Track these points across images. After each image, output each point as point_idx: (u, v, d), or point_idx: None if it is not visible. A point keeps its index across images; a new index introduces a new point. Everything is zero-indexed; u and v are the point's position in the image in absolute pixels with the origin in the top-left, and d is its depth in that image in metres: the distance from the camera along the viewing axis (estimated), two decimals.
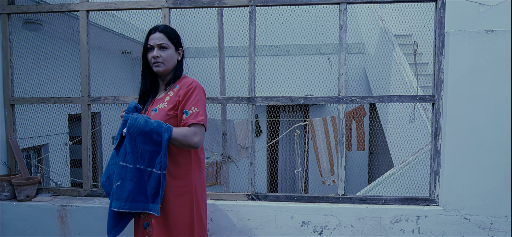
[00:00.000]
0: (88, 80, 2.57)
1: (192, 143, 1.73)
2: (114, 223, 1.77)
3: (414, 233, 2.33)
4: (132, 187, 1.72)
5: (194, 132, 1.74)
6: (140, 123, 1.71)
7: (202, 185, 1.91)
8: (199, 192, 1.87)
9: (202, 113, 1.78)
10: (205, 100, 1.88)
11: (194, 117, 1.75)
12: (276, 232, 2.41)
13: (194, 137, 1.73)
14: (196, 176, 1.86)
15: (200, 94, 1.83)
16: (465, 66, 2.21)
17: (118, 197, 1.72)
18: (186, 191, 1.81)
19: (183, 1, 2.47)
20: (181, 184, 1.80)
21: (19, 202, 2.53)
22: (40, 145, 4.80)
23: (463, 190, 2.27)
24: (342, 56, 2.42)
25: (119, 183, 1.73)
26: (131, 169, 1.72)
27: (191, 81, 1.85)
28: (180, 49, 1.92)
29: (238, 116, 7.31)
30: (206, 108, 1.86)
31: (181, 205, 1.80)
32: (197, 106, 1.78)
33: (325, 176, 6.31)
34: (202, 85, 1.88)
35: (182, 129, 1.75)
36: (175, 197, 1.78)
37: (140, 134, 1.70)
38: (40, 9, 2.59)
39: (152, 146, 1.71)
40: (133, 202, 1.72)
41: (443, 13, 2.31)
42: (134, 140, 1.72)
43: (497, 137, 2.21)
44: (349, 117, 6.31)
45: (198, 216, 1.86)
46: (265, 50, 7.52)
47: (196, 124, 1.75)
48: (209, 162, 5.73)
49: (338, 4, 2.39)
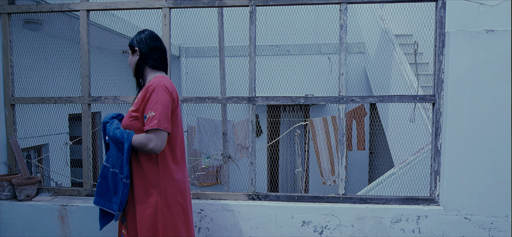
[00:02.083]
0: (88, 80, 2.57)
1: (147, 149, 1.75)
2: (101, 215, 1.95)
3: (414, 233, 2.33)
4: (107, 187, 1.88)
5: (148, 138, 1.75)
6: (110, 131, 1.86)
7: (177, 189, 1.88)
8: (171, 195, 1.85)
9: (156, 116, 1.74)
10: (168, 100, 1.80)
11: (149, 122, 1.75)
12: (277, 232, 2.41)
13: (149, 144, 1.74)
14: (165, 180, 1.84)
15: (159, 95, 1.77)
16: (465, 66, 2.21)
17: (97, 192, 1.91)
18: (152, 193, 1.82)
19: (183, 0, 2.47)
20: (146, 184, 1.83)
21: (19, 202, 2.53)
22: (41, 144, 4.80)
23: (463, 190, 2.27)
24: (343, 56, 2.41)
25: (100, 180, 1.90)
26: (111, 172, 1.87)
27: (152, 82, 1.82)
28: (135, 49, 1.94)
29: (238, 116, 7.31)
30: (169, 108, 1.80)
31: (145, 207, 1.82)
32: (153, 109, 1.76)
33: (326, 176, 6.31)
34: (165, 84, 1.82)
35: (139, 136, 1.78)
36: (140, 197, 1.84)
37: (113, 142, 1.84)
38: (41, 9, 2.59)
39: (119, 153, 1.82)
40: (103, 200, 1.90)
41: (443, 13, 2.31)
42: (112, 147, 1.86)
43: (498, 137, 2.21)
44: (350, 117, 6.31)
45: (169, 219, 1.84)
46: (265, 50, 7.52)
47: (150, 129, 1.75)
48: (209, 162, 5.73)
49: (339, 4, 2.39)
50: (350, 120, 6.31)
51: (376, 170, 7.46)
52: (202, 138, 7.02)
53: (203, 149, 6.96)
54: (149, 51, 1.93)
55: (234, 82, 6.60)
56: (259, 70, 4.92)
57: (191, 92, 7.67)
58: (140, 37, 1.94)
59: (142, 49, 1.92)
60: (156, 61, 1.94)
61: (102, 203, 1.89)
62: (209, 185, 7.57)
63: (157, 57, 1.94)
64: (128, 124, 1.86)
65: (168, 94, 1.81)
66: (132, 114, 1.85)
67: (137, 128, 1.84)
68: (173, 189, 1.86)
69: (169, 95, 1.81)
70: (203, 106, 7.21)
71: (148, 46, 1.92)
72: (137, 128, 1.84)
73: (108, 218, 1.96)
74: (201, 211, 2.44)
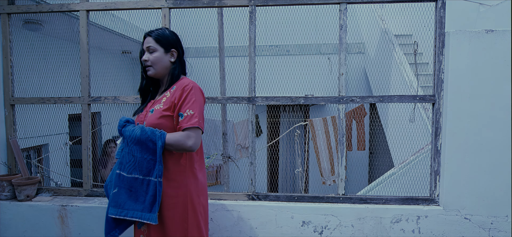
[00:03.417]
0: (88, 80, 2.57)
1: (186, 147, 1.73)
2: (110, 228, 1.81)
3: (414, 233, 2.33)
4: (129, 195, 1.76)
5: (187, 136, 1.73)
6: (137, 133, 1.75)
7: (199, 188, 1.87)
8: (195, 195, 1.84)
9: (196, 115, 1.75)
10: (203, 101, 1.85)
11: (188, 120, 1.74)
12: (277, 232, 2.41)
13: (188, 141, 1.73)
14: (190, 179, 1.83)
15: (196, 95, 1.80)
16: (465, 66, 2.21)
17: (116, 204, 1.76)
18: (179, 193, 1.79)
19: (183, 1, 2.47)
20: (174, 185, 1.79)
21: (19, 202, 2.53)
22: (40, 145, 4.79)
23: (463, 190, 2.27)
24: (342, 56, 2.41)
25: (116, 191, 1.77)
26: (128, 178, 1.76)
27: (188, 82, 1.83)
28: (173, 50, 1.89)
29: (238, 116, 7.31)
30: (203, 109, 1.84)
31: (173, 207, 1.79)
32: (192, 108, 1.75)
33: (326, 176, 6.32)
34: (200, 86, 1.86)
35: (176, 134, 1.75)
36: (168, 198, 1.78)
37: (137, 144, 1.74)
38: (40, 9, 2.59)
39: (148, 154, 1.74)
40: (129, 209, 1.76)
41: (443, 13, 2.31)
42: (132, 150, 1.75)
43: (498, 137, 2.21)
44: (350, 117, 6.31)
45: (194, 219, 1.83)
46: (265, 50, 7.52)
47: (190, 127, 1.74)
48: (209, 162, 5.73)
49: (338, 4, 2.39)
50: (350, 120, 6.31)
51: (376, 170, 7.46)
52: (202, 138, 7.02)
53: (203, 149, 6.96)
54: (182, 54, 1.93)
55: (234, 82, 6.59)
56: (259, 70, 4.91)
57: None
58: (174, 38, 1.90)
59: (180, 51, 1.91)
60: (185, 66, 1.95)
61: (124, 213, 1.76)
62: (209, 185, 7.57)
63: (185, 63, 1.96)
64: (158, 123, 1.79)
65: (203, 96, 1.86)
66: (164, 113, 1.79)
67: (168, 127, 1.79)
68: (196, 189, 1.85)
69: (203, 97, 1.86)
70: None
71: (182, 49, 1.93)
72: (168, 127, 1.79)
73: (120, 230, 1.84)
74: None
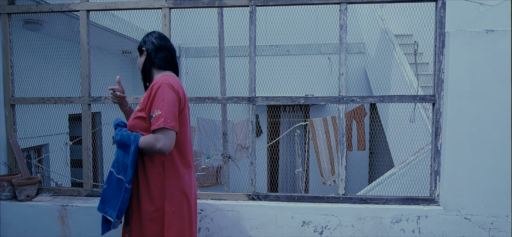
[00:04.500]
0: (88, 80, 2.57)
1: (156, 150, 1.69)
2: (104, 220, 1.89)
3: (414, 233, 2.33)
4: (112, 193, 1.82)
5: (156, 138, 1.69)
6: (117, 137, 1.82)
7: (182, 190, 1.84)
8: (176, 197, 1.82)
9: (163, 114, 1.69)
10: (173, 97, 1.75)
11: (156, 121, 1.70)
12: (277, 232, 2.41)
13: (157, 144, 1.68)
14: (171, 181, 1.81)
15: (164, 92, 1.72)
16: (465, 66, 2.21)
17: (102, 198, 1.85)
18: (158, 196, 1.78)
19: (183, 1, 2.47)
20: (152, 187, 1.79)
21: (19, 202, 2.53)
22: (41, 145, 4.80)
23: (463, 190, 2.27)
24: (343, 56, 2.41)
25: (105, 187, 1.85)
26: (116, 178, 1.82)
27: (157, 80, 1.78)
28: (143, 49, 1.92)
29: (238, 116, 7.31)
30: (174, 106, 1.74)
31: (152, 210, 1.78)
32: (159, 107, 1.70)
33: (326, 176, 6.32)
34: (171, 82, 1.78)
35: (146, 137, 1.73)
36: (147, 201, 1.80)
37: (119, 148, 1.81)
38: (40, 9, 2.59)
39: (125, 157, 1.78)
40: (107, 207, 1.83)
41: (443, 13, 2.31)
42: (118, 153, 1.83)
43: (498, 136, 2.21)
44: (350, 117, 6.31)
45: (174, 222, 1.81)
46: (265, 50, 7.52)
47: (157, 129, 1.69)
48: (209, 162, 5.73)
49: (339, 4, 2.39)
50: (350, 120, 6.31)
51: (376, 170, 7.46)
52: (202, 138, 7.03)
53: (203, 150, 6.96)
54: (155, 50, 1.89)
55: (234, 82, 6.60)
56: (259, 70, 4.92)
57: (191, 92, 7.67)
58: (147, 38, 1.93)
59: (148, 49, 1.89)
60: (162, 60, 1.89)
61: (105, 211, 1.82)
62: (209, 186, 7.57)
63: (163, 57, 1.89)
64: (134, 124, 1.80)
65: (173, 92, 1.75)
66: (138, 113, 1.80)
67: (143, 129, 1.78)
68: (178, 191, 1.82)
69: (175, 93, 1.76)
70: (203, 106, 7.21)
71: (154, 45, 1.89)
72: (143, 128, 1.78)
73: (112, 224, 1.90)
74: (201, 211, 2.44)
